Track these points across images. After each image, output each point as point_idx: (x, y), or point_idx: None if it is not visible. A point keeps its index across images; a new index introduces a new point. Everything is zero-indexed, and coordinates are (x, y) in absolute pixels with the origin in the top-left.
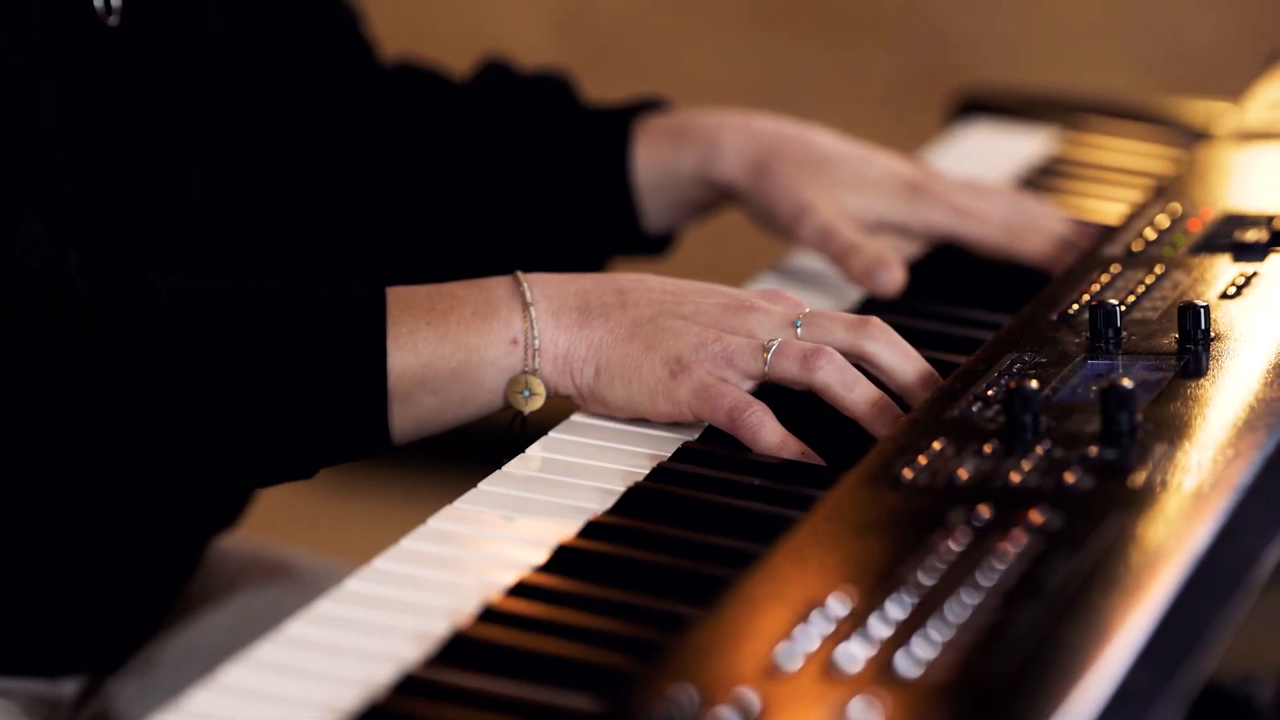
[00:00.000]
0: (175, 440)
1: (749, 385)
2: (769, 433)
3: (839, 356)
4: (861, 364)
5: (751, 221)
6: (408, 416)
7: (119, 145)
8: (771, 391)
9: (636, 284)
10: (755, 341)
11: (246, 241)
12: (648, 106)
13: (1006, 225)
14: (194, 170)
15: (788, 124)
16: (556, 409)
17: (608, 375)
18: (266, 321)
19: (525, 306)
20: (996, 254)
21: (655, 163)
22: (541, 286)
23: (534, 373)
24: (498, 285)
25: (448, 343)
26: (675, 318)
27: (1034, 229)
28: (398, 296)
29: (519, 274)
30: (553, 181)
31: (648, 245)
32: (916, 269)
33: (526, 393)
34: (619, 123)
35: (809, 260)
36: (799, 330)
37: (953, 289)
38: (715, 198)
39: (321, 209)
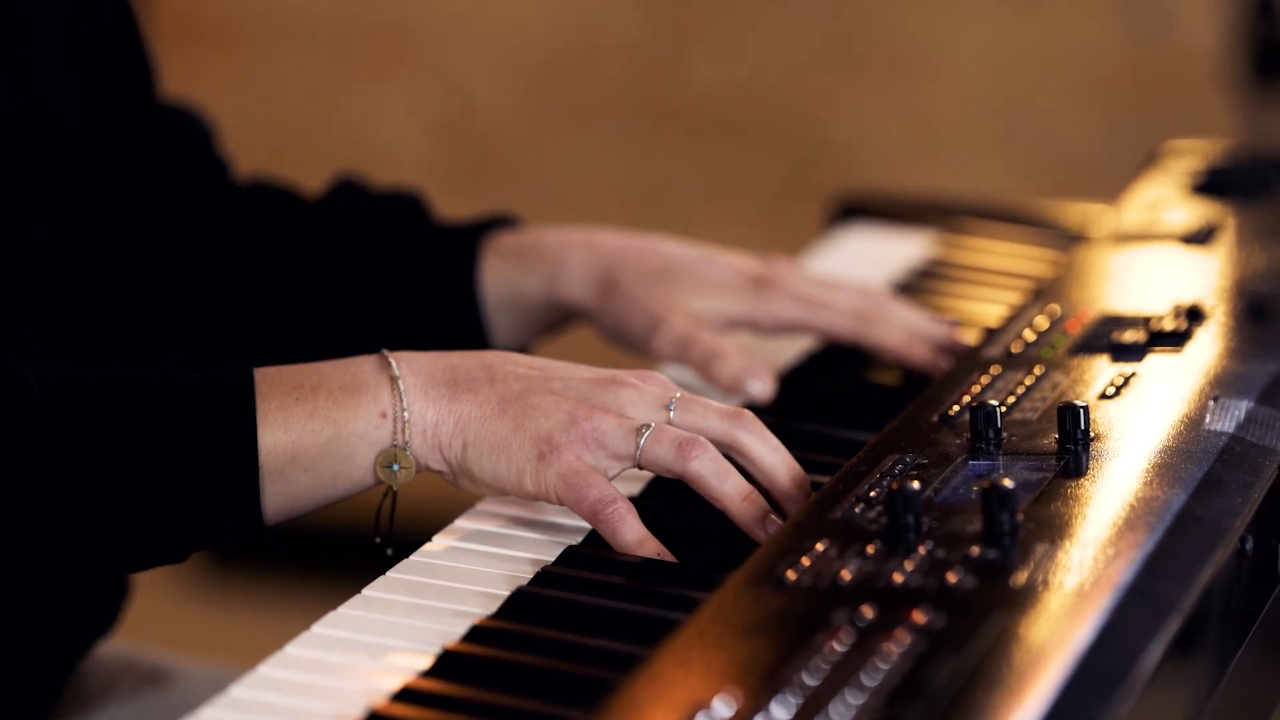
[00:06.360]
0: (47, 526)
1: (618, 468)
2: (628, 530)
3: (714, 449)
4: (731, 456)
5: (604, 340)
6: (279, 494)
7: None
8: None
9: (503, 360)
10: (629, 423)
11: (98, 351)
12: (498, 223)
13: (857, 314)
14: (44, 281)
15: (631, 236)
16: (441, 505)
17: (476, 451)
18: (135, 405)
19: (393, 381)
20: (849, 342)
21: (502, 282)
22: (409, 362)
23: (404, 447)
24: (364, 362)
25: (317, 418)
26: (544, 393)
27: (885, 317)
28: (265, 375)
29: (385, 351)
30: (403, 299)
31: None
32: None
33: (396, 466)
34: (467, 240)
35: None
36: (673, 413)
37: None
38: (563, 317)
39: (175, 325)
